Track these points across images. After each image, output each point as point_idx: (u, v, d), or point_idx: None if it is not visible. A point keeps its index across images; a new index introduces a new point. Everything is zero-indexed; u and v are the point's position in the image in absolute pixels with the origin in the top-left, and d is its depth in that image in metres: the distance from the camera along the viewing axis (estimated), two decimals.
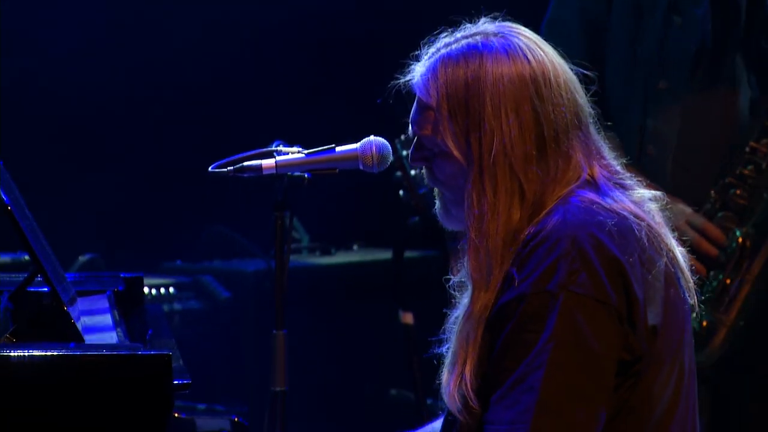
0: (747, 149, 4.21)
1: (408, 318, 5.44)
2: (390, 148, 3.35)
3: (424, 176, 2.97)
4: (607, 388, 2.70)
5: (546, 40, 2.90)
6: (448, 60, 2.85)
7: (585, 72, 2.94)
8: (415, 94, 2.90)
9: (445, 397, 2.82)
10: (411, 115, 2.91)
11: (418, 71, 2.89)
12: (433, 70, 2.86)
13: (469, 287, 2.81)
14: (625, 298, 2.70)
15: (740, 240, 4.21)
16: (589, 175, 2.83)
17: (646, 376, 2.74)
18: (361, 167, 3.37)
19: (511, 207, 2.79)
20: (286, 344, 3.78)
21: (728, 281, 4.22)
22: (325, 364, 5.83)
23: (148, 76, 6.31)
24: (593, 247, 2.70)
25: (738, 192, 4.23)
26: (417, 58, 2.91)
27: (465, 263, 2.83)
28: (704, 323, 4.18)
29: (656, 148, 4.23)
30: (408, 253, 5.71)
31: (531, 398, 2.66)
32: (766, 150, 4.20)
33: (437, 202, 2.95)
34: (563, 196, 2.79)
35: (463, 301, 2.84)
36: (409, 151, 2.92)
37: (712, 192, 4.24)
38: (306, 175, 3.55)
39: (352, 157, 3.37)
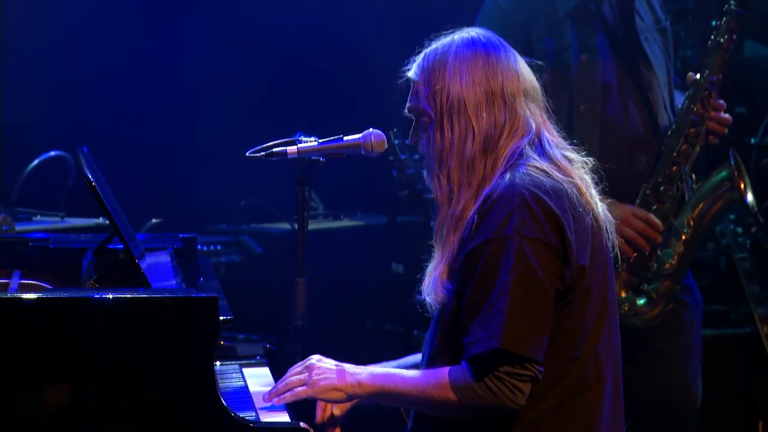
0: (674, 154, 4.16)
1: (399, 268, 5.44)
2: (385, 137, 3.35)
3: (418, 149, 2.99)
4: (550, 311, 2.74)
5: None
6: (433, 50, 2.92)
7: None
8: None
9: (426, 294, 2.88)
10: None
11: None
12: (422, 58, 2.93)
13: (438, 207, 2.88)
14: (560, 241, 2.74)
15: (689, 225, 4.18)
16: (536, 134, 2.87)
17: (578, 305, 2.79)
18: (363, 153, 3.37)
19: (465, 142, 2.83)
20: (305, 289, 3.76)
21: (674, 260, 4.18)
22: (336, 304, 5.81)
23: (199, 75, 6.28)
24: (535, 202, 2.74)
25: (666, 189, 4.18)
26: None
27: (432, 188, 2.89)
28: (653, 294, 4.16)
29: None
30: (399, 218, 5.71)
31: (501, 318, 2.69)
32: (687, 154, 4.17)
33: (425, 170, 2.98)
34: (515, 155, 2.82)
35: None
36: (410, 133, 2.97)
37: (647, 190, 4.18)
38: (321, 159, 3.53)
39: (355, 145, 3.36)
